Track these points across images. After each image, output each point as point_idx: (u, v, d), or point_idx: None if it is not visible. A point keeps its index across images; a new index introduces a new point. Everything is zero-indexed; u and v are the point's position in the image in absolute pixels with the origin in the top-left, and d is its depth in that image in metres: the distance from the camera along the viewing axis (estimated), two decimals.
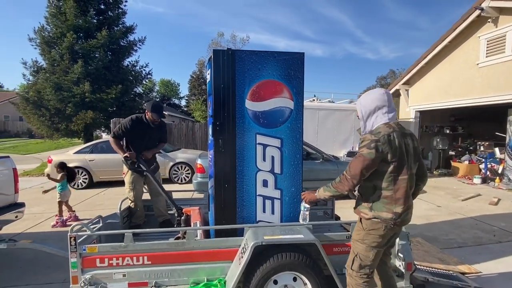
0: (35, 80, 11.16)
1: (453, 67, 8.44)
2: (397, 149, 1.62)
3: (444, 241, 3.87)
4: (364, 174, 1.65)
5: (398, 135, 1.65)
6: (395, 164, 1.63)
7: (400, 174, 1.65)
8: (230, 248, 2.07)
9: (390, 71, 33.73)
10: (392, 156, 1.61)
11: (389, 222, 1.68)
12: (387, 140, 1.61)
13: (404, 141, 1.67)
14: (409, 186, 1.69)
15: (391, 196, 1.67)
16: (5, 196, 3.20)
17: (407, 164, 1.67)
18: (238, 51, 2.16)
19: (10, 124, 25.87)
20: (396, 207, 1.66)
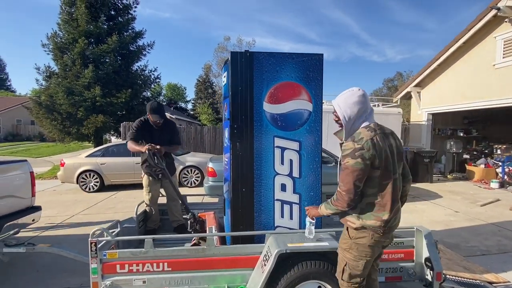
0: (47, 85, 11.37)
1: (468, 69, 8.24)
2: (382, 153, 1.52)
3: (466, 249, 3.72)
4: (358, 186, 1.52)
5: (380, 137, 1.55)
6: (381, 169, 1.53)
7: (387, 179, 1.55)
8: (251, 255, 2.00)
9: (397, 73, 33.30)
10: (379, 161, 1.51)
11: (378, 231, 1.57)
12: (371, 146, 1.49)
13: (387, 142, 1.57)
14: (397, 189, 1.60)
15: (379, 202, 1.57)
16: (22, 199, 3.22)
17: (393, 167, 1.57)
18: (256, 53, 2.11)
19: (22, 128, 26.45)
20: (384, 214, 1.56)
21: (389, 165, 1.55)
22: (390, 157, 1.56)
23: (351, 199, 1.54)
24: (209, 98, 29.70)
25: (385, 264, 2.19)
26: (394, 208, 1.57)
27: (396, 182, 1.58)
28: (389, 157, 1.55)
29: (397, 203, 1.61)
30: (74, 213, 5.55)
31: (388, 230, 1.60)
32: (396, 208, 1.60)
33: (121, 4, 12.22)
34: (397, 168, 1.60)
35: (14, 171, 3.29)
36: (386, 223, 1.56)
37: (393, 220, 1.60)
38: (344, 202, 1.57)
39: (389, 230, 1.61)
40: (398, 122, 9.26)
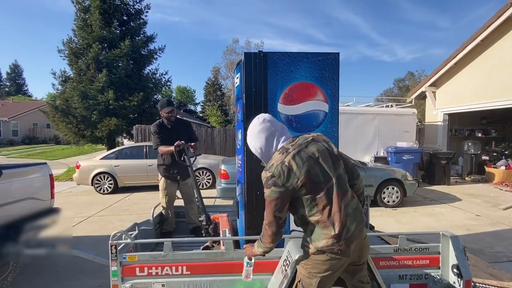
0: (63, 89, 11.69)
1: (487, 67, 7.97)
2: (301, 169, 1.37)
3: (491, 254, 3.56)
4: (278, 216, 1.41)
5: (293, 155, 1.40)
6: (306, 185, 1.38)
7: (318, 191, 1.40)
8: (270, 260, 1.95)
9: (409, 73, 32.60)
10: (298, 180, 1.37)
11: (333, 249, 1.40)
12: (281, 170, 1.37)
13: (307, 154, 1.42)
14: (339, 195, 1.42)
15: (322, 219, 1.41)
16: (42, 201, 3.27)
17: (323, 175, 1.41)
18: (270, 53, 2.07)
19: (38, 131, 27.29)
20: (331, 229, 1.39)
21: (316, 176, 1.40)
22: (315, 167, 1.41)
23: (274, 233, 1.44)
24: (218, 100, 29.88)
25: (409, 271, 2.11)
26: (341, 217, 1.39)
27: (334, 188, 1.42)
28: (313, 168, 1.40)
29: (344, 210, 1.42)
30: (90, 214, 5.64)
31: (347, 243, 1.41)
32: (345, 215, 1.41)
33: (133, 9, 12.46)
34: (332, 171, 1.44)
35: (34, 174, 3.35)
36: (339, 237, 1.39)
37: (347, 231, 1.40)
38: (268, 237, 1.46)
39: (348, 243, 1.41)
40: (413, 122, 9.05)
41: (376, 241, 2.84)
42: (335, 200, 1.41)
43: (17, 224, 2.81)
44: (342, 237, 1.39)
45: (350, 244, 1.43)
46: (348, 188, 1.50)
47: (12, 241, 2.67)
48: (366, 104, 10.20)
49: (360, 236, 1.49)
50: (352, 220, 1.44)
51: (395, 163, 7.50)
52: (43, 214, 3.21)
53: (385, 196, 5.84)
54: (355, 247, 1.46)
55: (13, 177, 3.02)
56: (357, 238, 1.45)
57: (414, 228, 4.60)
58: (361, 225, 1.48)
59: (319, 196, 1.40)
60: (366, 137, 8.69)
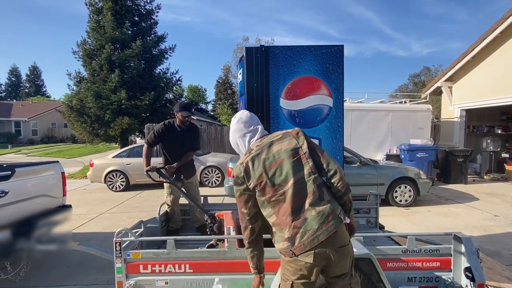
0: (78, 90, 12.03)
1: (506, 60, 7.58)
2: (256, 172, 1.42)
3: (509, 257, 3.39)
4: (245, 212, 1.47)
5: (252, 157, 1.45)
6: (260, 187, 1.41)
7: (273, 194, 1.40)
8: (273, 259, 1.92)
9: (424, 68, 31.49)
10: (253, 182, 1.42)
11: (288, 252, 1.36)
12: (240, 170, 1.45)
13: (266, 155, 1.43)
14: (298, 197, 1.37)
15: (277, 221, 1.40)
16: (54, 198, 3.37)
17: (282, 177, 1.39)
18: (272, 47, 2.03)
19: (56, 131, 28.31)
20: (284, 232, 1.37)
21: (271, 177, 1.40)
22: (271, 168, 1.41)
23: (245, 228, 1.48)
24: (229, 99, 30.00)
25: (419, 273, 2.03)
26: (294, 220, 1.35)
27: (291, 191, 1.37)
28: (269, 169, 1.41)
29: (299, 213, 1.36)
30: (102, 211, 5.78)
31: (302, 247, 1.32)
32: (299, 218, 1.35)
33: (144, 10, 12.64)
34: (294, 172, 1.39)
35: (47, 172, 3.45)
36: (292, 240, 1.34)
37: (302, 235, 1.32)
38: (244, 234, 1.50)
39: (303, 247, 1.32)
40: (427, 119, 8.75)
41: (385, 242, 2.76)
42: (288, 203, 1.38)
43: (30, 220, 2.91)
44: (297, 240, 1.34)
45: (312, 249, 1.32)
46: (315, 190, 1.39)
47: (25, 237, 2.76)
48: (380, 101, 9.94)
49: (330, 243, 1.35)
50: (315, 224, 1.34)
51: (409, 161, 7.27)
52: (55, 211, 3.31)
53: (397, 195, 5.68)
54: (323, 255, 1.35)
55: (27, 175, 3.12)
56: (322, 245, 1.33)
57: (427, 229, 4.45)
58: (330, 231, 1.34)
59: (274, 199, 1.40)
60: (378, 134, 8.47)
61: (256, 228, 1.48)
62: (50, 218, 3.24)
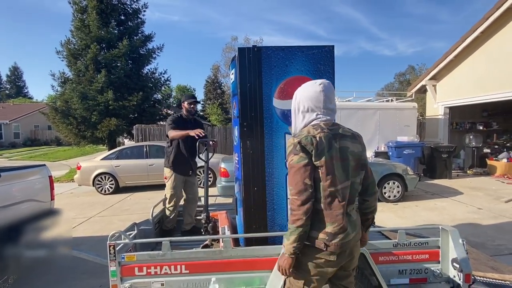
0: (62, 91, 11.69)
1: (487, 59, 7.90)
2: (325, 152, 1.30)
3: (493, 248, 3.55)
4: (309, 184, 1.29)
5: (327, 135, 1.33)
6: (324, 169, 1.30)
7: (333, 184, 1.31)
8: (269, 257, 1.95)
9: (409, 67, 32.33)
10: (320, 160, 1.30)
11: (321, 244, 1.32)
12: (310, 141, 1.31)
13: (339, 144, 1.36)
14: (347, 199, 1.35)
15: (323, 211, 1.33)
16: (42, 203, 3.29)
17: (344, 172, 1.34)
18: (264, 48, 2.05)
19: (40, 133, 27.38)
20: (329, 226, 1.32)
21: (337, 168, 1.33)
22: (340, 160, 1.34)
23: (305, 200, 1.28)
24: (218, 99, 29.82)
25: (409, 266, 2.10)
26: (343, 221, 1.32)
27: (347, 191, 1.35)
28: (338, 159, 1.34)
29: (347, 217, 1.35)
30: (92, 215, 5.66)
31: (335, 247, 1.31)
32: (345, 222, 1.33)
33: (130, 9, 12.40)
34: (351, 176, 1.36)
35: (34, 176, 3.36)
36: (332, 237, 1.31)
37: (344, 236, 1.32)
38: (299, 209, 1.28)
39: (335, 248, 1.31)
40: (413, 117, 9.01)
41: (376, 236, 2.83)
42: (343, 201, 1.33)
43: (17, 226, 2.82)
44: (335, 239, 1.32)
45: (341, 249, 1.34)
46: (355, 200, 1.41)
47: (12, 243, 2.68)
48: (367, 99, 10.15)
49: (355, 246, 1.43)
50: (351, 230, 1.36)
51: (396, 158, 7.47)
52: (43, 215, 3.22)
53: (386, 191, 5.83)
54: (344, 259, 1.39)
55: (13, 179, 3.03)
56: (346, 249, 1.37)
57: (416, 223, 4.59)
58: (357, 240, 1.43)
59: (331, 189, 1.31)
60: (366, 132, 8.64)
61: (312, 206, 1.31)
62: (38, 223, 3.15)
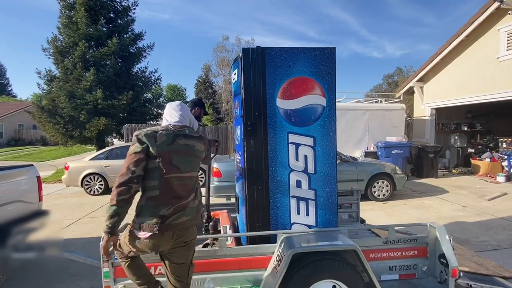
0: (49, 89, 11.36)
1: (471, 62, 8.20)
2: (163, 146, 1.56)
3: (477, 244, 3.69)
4: (132, 170, 1.51)
5: (163, 133, 1.60)
6: (160, 160, 1.54)
7: (168, 173, 1.55)
8: (263, 256, 1.98)
9: (397, 69, 33.07)
10: (156, 151, 1.54)
11: (154, 228, 1.51)
12: (148, 134, 1.57)
13: (177, 140, 1.61)
14: (183, 188, 1.60)
15: (158, 197, 1.54)
16: (30, 204, 3.20)
17: (180, 164, 1.60)
18: (269, 49, 2.09)
19: (24, 133, 26.47)
20: (162, 210, 1.53)
21: (174, 160, 1.58)
22: (176, 153, 1.60)
23: (122, 183, 1.49)
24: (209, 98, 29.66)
25: (399, 262, 2.18)
26: (176, 204, 1.55)
27: (183, 181, 1.60)
28: (176, 152, 1.59)
29: (180, 201, 1.58)
30: (80, 216, 5.54)
31: (167, 228, 1.53)
32: (179, 205, 1.56)
33: (120, 6, 12.18)
34: (187, 168, 1.63)
35: (21, 176, 3.27)
36: (166, 219, 1.52)
37: (176, 217, 1.55)
38: (115, 190, 1.50)
39: (167, 228, 1.53)
40: (401, 117, 9.24)
41: (366, 234, 2.90)
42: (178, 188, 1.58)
43: (4, 228, 2.74)
44: (168, 221, 1.54)
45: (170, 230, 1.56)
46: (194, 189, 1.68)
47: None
48: (356, 100, 10.33)
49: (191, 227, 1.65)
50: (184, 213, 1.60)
51: (385, 158, 7.64)
52: (31, 217, 3.14)
53: (376, 190, 5.96)
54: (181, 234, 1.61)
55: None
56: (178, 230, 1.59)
57: (404, 221, 4.72)
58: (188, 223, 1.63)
59: (167, 177, 1.55)
60: (356, 132, 8.82)
61: (134, 189, 1.53)
62: (26, 224, 3.07)
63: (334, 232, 2.11)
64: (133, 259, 1.76)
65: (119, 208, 1.50)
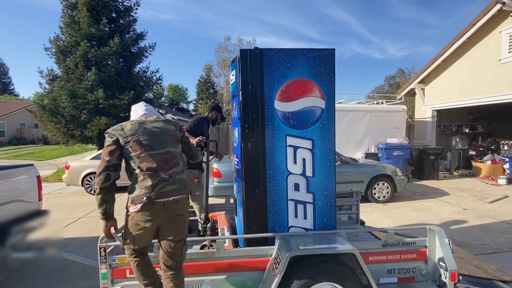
0: (51, 88, 11.40)
1: (473, 64, 8.16)
2: (133, 134, 1.78)
3: (477, 247, 3.67)
4: (105, 159, 1.74)
5: (136, 122, 1.86)
6: (134, 145, 1.76)
7: (145, 151, 1.77)
8: (261, 258, 1.97)
9: (399, 70, 33.03)
10: (125, 139, 1.77)
11: (142, 198, 1.70)
12: (116, 129, 1.84)
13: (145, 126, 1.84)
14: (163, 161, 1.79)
15: (142, 173, 1.75)
16: (29, 203, 3.20)
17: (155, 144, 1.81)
18: (266, 50, 2.07)
19: (26, 132, 26.56)
20: (148, 181, 1.73)
21: (145, 141, 1.79)
22: (148, 135, 1.81)
23: (100, 172, 1.72)
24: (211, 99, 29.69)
25: (398, 265, 2.16)
26: (159, 176, 1.74)
27: (161, 156, 1.80)
28: (146, 134, 1.81)
29: (163, 173, 1.76)
30: (80, 215, 5.55)
31: (155, 196, 1.70)
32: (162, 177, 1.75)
33: (122, 6, 12.20)
34: (168, 145, 1.85)
35: (21, 176, 3.27)
36: (152, 188, 1.71)
37: (161, 186, 1.73)
38: (95, 179, 1.75)
39: (156, 197, 1.71)
40: (402, 119, 9.21)
41: (366, 237, 2.89)
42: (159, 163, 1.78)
43: (4, 227, 2.74)
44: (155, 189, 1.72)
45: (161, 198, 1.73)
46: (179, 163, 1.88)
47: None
48: (357, 101, 10.31)
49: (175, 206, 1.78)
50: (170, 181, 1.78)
51: (386, 159, 7.62)
52: (30, 216, 3.14)
53: (376, 191, 5.94)
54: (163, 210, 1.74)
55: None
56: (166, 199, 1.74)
57: (404, 223, 4.70)
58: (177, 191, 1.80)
59: (144, 156, 1.76)
60: (357, 133, 8.80)
61: (113, 177, 1.74)
62: (25, 224, 3.07)
63: (333, 235, 2.10)
64: (142, 257, 1.84)
65: (104, 195, 1.71)
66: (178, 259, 1.81)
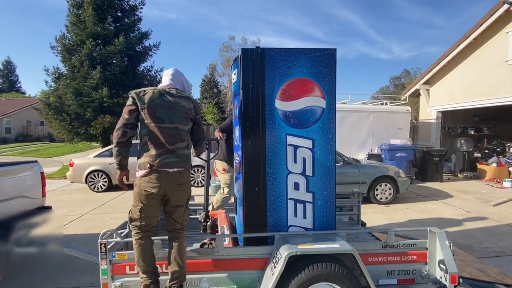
0: (56, 86, 11.53)
1: (479, 65, 8.07)
2: (150, 102, 1.89)
3: (480, 250, 3.63)
4: (124, 117, 1.89)
5: (153, 92, 1.94)
6: (147, 113, 1.88)
7: (154, 123, 1.88)
8: (260, 257, 1.98)
9: (404, 71, 32.78)
10: (144, 106, 1.88)
11: (146, 166, 1.82)
12: (138, 92, 1.94)
13: (163, 98, 1.94)
14: (169, 136, 1.89)
15: (148, 142, 1.87)
16: (33, 199, 3.25)
17: (165, 117, 1.90)
18: (268, 49, 2.07)
19: (32, 129, 26.89)
20: (152, 150, 1.85)
21: (158, 113, 1.89)
22: (162, 107, 1.91)
23: (118, 127, 1.88)
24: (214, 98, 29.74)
25: (397, 266, 2.15)
26: (164, 147, 1.86)
27: (169, 131, 1.90)
28: (161, 106, 1.91)
29: (167, 146, 1.88)
30: (83, 212, 5.61)
31: (158, 165, 1.83)
32: (166, 149, 1.87)
33: (127, 5, 12.29)
34: (176, 122, 1.94)
35: (25, 172, 3.31)
36: (155, 158, 1.84)
37: (164, 157, 1.85)
38: (114, 134, 1.89)
39: (158, 166, 1.83)
40: (406, 120, 9.14)
41: (367, 238, 2.88)
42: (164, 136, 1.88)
43: (7, 222, 2.78)
44: (158, 159, 1.85)
45: (164, 168, 1.86)
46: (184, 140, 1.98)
47: (1, 240, 2.64)
48: (361, 102, 10.25)
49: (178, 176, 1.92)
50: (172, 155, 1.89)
51: (389, 160, 7.57)
52: (34, 212, 3.18)
53: (378, 193, 5.91)
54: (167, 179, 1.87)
55: (3, 175, 2.98)
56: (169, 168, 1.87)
57: (406, 225, 4.67)
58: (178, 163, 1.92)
59: (153, 126, 1.88)
60: (360, 134, 8.75)
61: (129, 134, 1.91)
62: (29, 220, 3.11)
63: (332, 235, 2.09)
64: (146, 239, 1.91)
65: (120, 149, 1.88)
66: (181, 221, 1.98)
